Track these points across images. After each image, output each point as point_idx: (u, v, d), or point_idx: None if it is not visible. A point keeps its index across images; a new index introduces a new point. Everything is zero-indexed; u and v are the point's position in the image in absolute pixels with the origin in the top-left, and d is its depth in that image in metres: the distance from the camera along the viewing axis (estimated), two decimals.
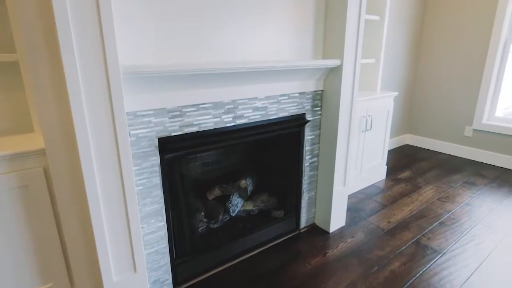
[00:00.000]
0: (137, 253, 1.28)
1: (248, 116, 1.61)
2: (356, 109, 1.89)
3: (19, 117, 1.44)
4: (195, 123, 1.42)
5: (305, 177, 1.99)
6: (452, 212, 2.34)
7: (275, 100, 1.69)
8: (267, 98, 1.65)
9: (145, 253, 1.41)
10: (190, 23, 1.29)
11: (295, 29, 1.65)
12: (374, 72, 2.71)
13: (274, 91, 1.66)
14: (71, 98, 1.00)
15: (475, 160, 3.39)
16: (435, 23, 3.45)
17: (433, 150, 3.73)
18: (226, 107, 1.51)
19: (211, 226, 1.82)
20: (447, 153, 3.62)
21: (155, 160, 1.35)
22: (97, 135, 1.08)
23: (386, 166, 2.97)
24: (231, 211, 1.85)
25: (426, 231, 2.10)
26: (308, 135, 1.92)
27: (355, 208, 2.41)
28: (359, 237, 2.04)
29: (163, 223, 1.45)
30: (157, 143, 1.33)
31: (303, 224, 2.10)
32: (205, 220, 1.81)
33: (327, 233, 2.08)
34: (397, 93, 2.75)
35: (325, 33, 1.78)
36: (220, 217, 1.84)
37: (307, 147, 1.94)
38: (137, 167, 1.30)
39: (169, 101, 1.31)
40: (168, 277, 1.54)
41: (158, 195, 1.39)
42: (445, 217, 2.27)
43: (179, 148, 1.38)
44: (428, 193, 2.65)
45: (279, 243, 1.97)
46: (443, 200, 2.53)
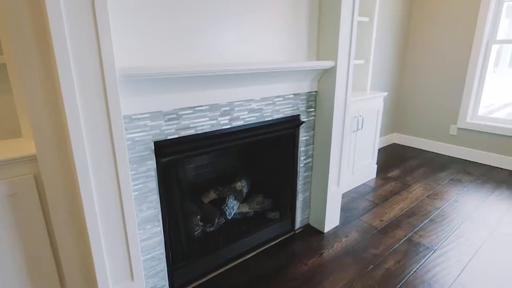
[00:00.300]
0: (134, 262, 1.25)
1: (244, 118, 1.59)
2: (349, 109, 1.91)
3: (6, 121, 1.37)
4: (191, 126, 1.40)
5: (300, 178, 2.00)
6: (441, 209, 2.40)
7: (270, 102, 1.68)
8: (262, 99, 1.64)
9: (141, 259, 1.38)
10: (183, 24, 1.27)
11: (289, 31, 1.64)
12: (364, 72, 2.75)
13: (270, 93, 1.65)
14: (65, 102, 0.96)
15: (460, 158, 3.49)
16: (420, 26, 3.54)
17: (420, 148, 3.83)
18: (223, 109, 1.49)
19: (207, 229, 1.80)
20: (434, 151, 3.72)
21: (151, 165, 1.31)
22: (93, 140, 1.04)
23: (376, 165, 3.02)
24: (227, 214, 1.83)
25: (417, 228, 2.15)
26: (303, 136, 1.92)
27: (348, 207, 2.44)
28: (353, 236, 2.07)
29: (159, 228, 1.41)
30: (153, 147, 1.30)
31: (298, 225, 2.11)
32: (201, 224, 1.78)
33: (322, 233, 2.09)
34: (386, 93, 2.80)
35: (319, 35, 1.79)
36: (216, 220, 1.81)
37: (301, 148, 1.94)
38: (133, 172, 1.26)
39: (165, 104, 1.28)
40: (165, 283, 1.50)
41: (154, 200, 1.36)
42: (435, 214, 2.33)
43: (175, 151, 1.35)
44: (417, 191, 2.72)
45: (275, 244, 1.97)
46: (431, 197, 2.59)
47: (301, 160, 1.97)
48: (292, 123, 1.79)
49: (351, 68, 1.83)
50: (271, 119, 1.71)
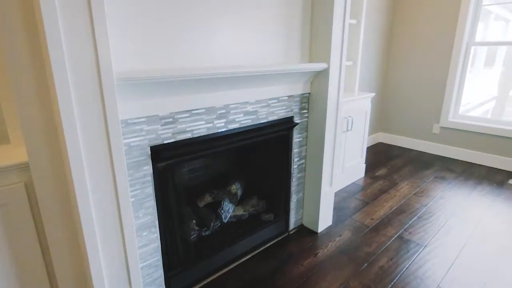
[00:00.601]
0: (133, 271, 1.21)
1: (240, 120, 1.58)
2: (341, 110, 1.94)
3: None
4: (188, 129, 1.38)
5: (293, 179, 2.01)
6: (428, 206, 2.48)
7: (265, 104, 1.68)
8: (257, 102, 1.64)
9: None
10: (177, 26, 1.25)
11: (282, 33, 1.65)
12: (352, 74, 2.80)
13: (264, 95, 1.65)
14: (61, 107, 0.92)
15: (443, 156, 3.62)
16: (403, 29, 3.64)
17: (404, 147, 3.94)
18: (219, 112, 1.47)
19: (203, 234, 1.77)
20: (418, 149, 3.83)
21: (148, 170, 1.28)
22: (89, 146, 1.00)
23: (365, 165, 3.08)
24: (223, 217, 1.82)
25: (407, 225, 2.21)
26: (296, 137, 1.93)
27: (339, 206, 2.47)
28: (347, 235, 2.10)
29: (156, 235, 1.38)
30: (149, 152, 1.27)
31: (292, 226, 2.12)
32: (197, 228, 1.76)
33: (316, 233, 2.11)
34: (374, 94, 2.86)
35: (311, 37, 1.80)
36: (212, 224, 1.79)
37: (295, 149, 1.95)
38: (130, 178, 1.23)
39: (162, 108, 1.25)
40: None
41: (151, 206, 1.33)
42: (422, 211, 2.41)
43: (172, 156, 1.33)
44: (405, 189, 2.79)
45: (270, 246, 1.97)
46: (418, 195, 2.67)
47: (295, 162, 1.98)
48: (286, 125, 1.79)
49: (343, 70, 1.86)
50: (266, 121, 1.71)
